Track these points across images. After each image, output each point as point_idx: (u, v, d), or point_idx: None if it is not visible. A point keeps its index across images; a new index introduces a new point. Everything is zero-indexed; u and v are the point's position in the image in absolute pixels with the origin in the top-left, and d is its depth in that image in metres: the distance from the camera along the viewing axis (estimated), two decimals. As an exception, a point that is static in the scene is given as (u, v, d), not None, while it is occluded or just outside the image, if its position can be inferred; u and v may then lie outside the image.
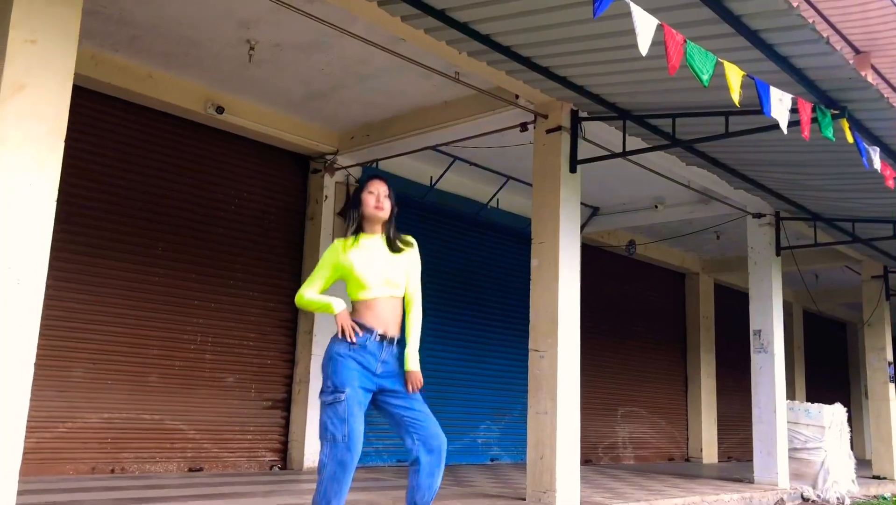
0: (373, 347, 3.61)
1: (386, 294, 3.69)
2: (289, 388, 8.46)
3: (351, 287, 3.72)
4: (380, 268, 3.70)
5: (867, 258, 12.14)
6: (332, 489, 3.48)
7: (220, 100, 7.76)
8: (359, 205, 3.78)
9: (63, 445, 6.79)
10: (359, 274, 3.66)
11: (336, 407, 3.50)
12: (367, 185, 3.82)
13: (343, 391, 3.52)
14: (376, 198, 3.76)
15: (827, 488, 8.95)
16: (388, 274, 3.70)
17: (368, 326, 3.62)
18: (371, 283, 3.66)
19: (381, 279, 3.68)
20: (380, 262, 3.71)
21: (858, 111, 5.72)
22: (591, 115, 6.82)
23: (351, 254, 3.71)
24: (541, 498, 6.25)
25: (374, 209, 3.75)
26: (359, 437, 3.50)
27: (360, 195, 3.80)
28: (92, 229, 7.16)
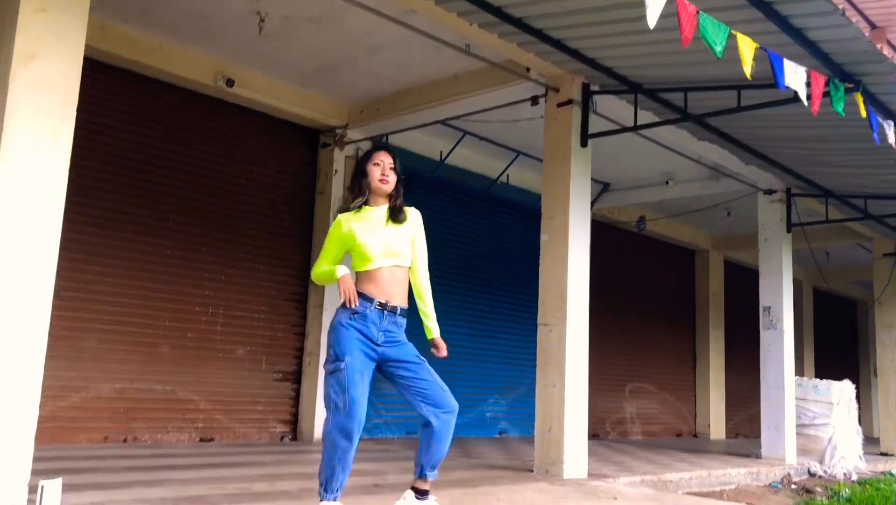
0: (373, 316, 3.60)
1: (388, 264, 3.67)
2: (299, 360, 8.53)
3: (355, 259, 3.71)
4: (381, 238, 3.68)
5: (879, 235, 12.07)
6: (336, 456, 3.51)
7: (231, 72, 7.75)
8: (364, 175, 3.74)
9: (77, 414, 6.88)
10: (360, 244, 3.65)
11: (338, 376, 3.52)
12: (373, 155, 3.78)
13: (343, 360, 3.53)
14: (381, 170, 3.73)
15: (834, 464, 8.98)
16: (389, 244, 3.68)
17: (369, 296, 3.62)
18: (372, 253, 3.65)
19: (383, 249, 3.66)
20: (381, 232, 3.69)
21: (873, 85, 5.66)
22: (602, 88, 6.79)
23: (353, 225, 3.69)
24: (548, 470, 6.30)
25: (378, 182, 3.72)
26: (359, 405, 3.51)
27: (366, 166, 3.75)
28: (104, 202, 7.20)
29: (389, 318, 3.64)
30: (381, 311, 3.62)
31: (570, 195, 6.62)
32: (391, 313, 3.65)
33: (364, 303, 3.60)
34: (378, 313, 3.61)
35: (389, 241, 3.69)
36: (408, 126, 8.47)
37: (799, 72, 4.87)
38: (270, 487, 4.86)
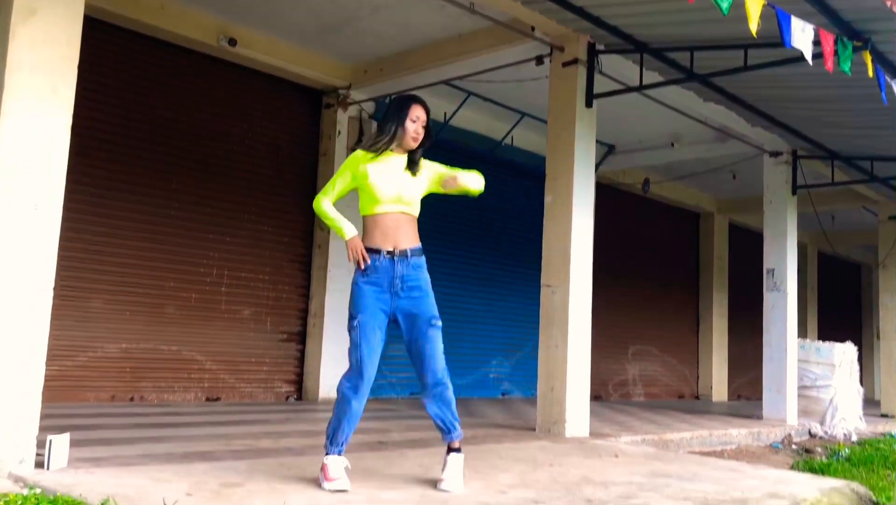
0: (384, 266, 3.62)
1: (396, 210, 3.67)
2: (304, 321, 8.58)
3: (363, 200, 3.71)
4: (395, 183, 3.67)
5: (885, 198, 12.02)
6: (344, 410, 3.58)
7: (233, 32, 7.68)
8: (401, 125, 3.70)
9: (84, 373, 6.96)
10: (372, 184, 3.64)
11: (352, 333, 3.60)
12: (412, 109, 3.73)
13: (356, 318, 3.59)
14: (416, 127, 3.72)
15: (834, 425, 9.05)
16: (401, 190, 3.68)
17: (375, 248, 3.63)
18: (383, 196, 3.64)
19: (394, 194, 3.66)
20: (396, 178, 3.69)
21: (882, 43, 5.60)
22: (607, 47, 6.72)
23: (369, 166, 3.68)
24: (550, 429, 6.36)
25: (411, 139, 3.72)
26: (370, 362, 3.57)
27: (405, 118, 3.70)
28: (107, 162, 7.19)
29: (402, 263, 3.65)
30: (391, 259, 3.62)
31: (575, 156, 6.59)
32: (402, 258, 3.65)
33: (373, 257, 3.62)
34: (388, 262, 3.62)
35: (402, 187, 3.68)
36: (411, 87, 8.38)
37: (807, 30, 4.81)
38: (275, 443, 4.92)
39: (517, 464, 4.66)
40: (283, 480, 3.66)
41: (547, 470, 4.51)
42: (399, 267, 3.64)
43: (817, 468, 6.07)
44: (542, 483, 4.06)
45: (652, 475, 4.56)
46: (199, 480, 3.55)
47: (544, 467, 4.60)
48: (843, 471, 5.95)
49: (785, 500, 4.04)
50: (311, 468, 3.98)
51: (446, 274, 9.93)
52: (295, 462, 4.20)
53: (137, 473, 3.62)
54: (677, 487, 4.19)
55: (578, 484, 4.10)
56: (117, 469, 3.68)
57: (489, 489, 3.78)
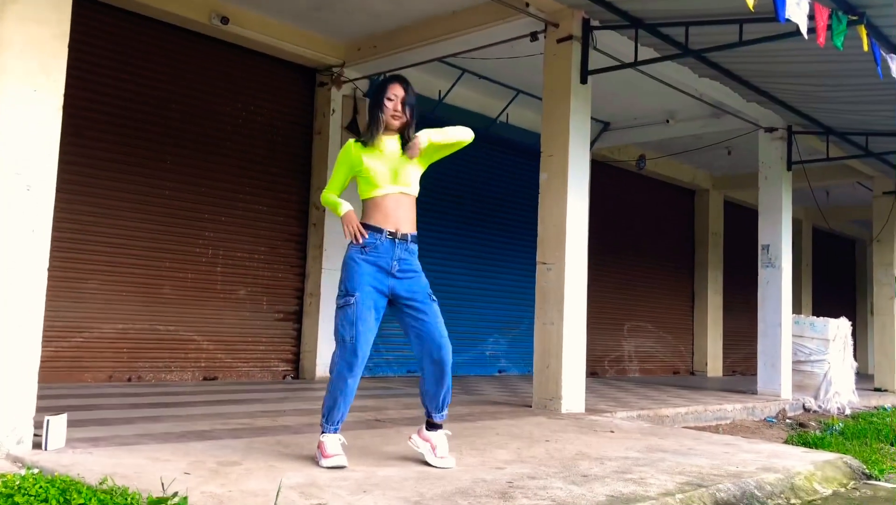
0: (384, 246, 3.60)
1: (395, 191, 3.65)
2: (300, 300, 8.58)
3: (361, 185, 3.70)
4: (390, 164, 3.65)
5: (879, 174, 12.03)
6: (339, 387, 3.59)
7: (225, 10, 7.62)
8: (379, 108, 3.67)
9: (81, 353, 6.96)
10: (367, 168, 3.63)
11: (347, 310, 3.55)
12: (388, 88, 3.69)
13: (353, 294, 3.56)
14: (395, 105, 3.66)
15: (828, 399, 9.12)
16: (397, 170, 3.65)
17: (377, 226, 3.61)
18: (380, 179, 3.63)
19: (391, 176, 3.64)
20: (391, 160, 3.67)
21: (878, 17, 5.57)
22: (602, 23, 6.67)
23: (364, 154, 3.66)
24: (546, 405, 6.40)
25: (390, 118, 3.68)
26: (366, 340, 3.55)
27: (381, 98, 3.67)
28: (101, 142, 7.16)
29: (401, 246, 3.64)
30: (392, 240, 3.61)
31: (570, 133, 6.57)
32: (402, 242, 3.64)
33: (373, 235, 3.60)
34: (389, 243, 3.61)
35: (397, 167, 3.66)
36: (405, 64, 8.35)
37: (802, 4, 4.78)
38: (273, 422, 4.94)
39: (514, 440, 4.69)
40: (280, 459, 3.68)
41: (543, 446, 4.54)
42: (398, 249, 3.63)
43: (811, 442, 6.12)
44: (539, 459, 4.09)
45: (647, 450, 4.59)
46: (197, 459, 3.57)
47: (540, 443, 4.63)
48: (837, 444, 6.00)
49: (779, 473, 4.08)
50: (309, 446, 4.01)
51: (443, 252, 9.95)
52: (292, 440, 4.22)
53: (135, 452, 3.64)
54: (672, 461, 4.22)
55: (574, 459, 4.13)
56: (115, 449, 3.69)
57: (486, 465, 3.81)
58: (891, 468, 5.21)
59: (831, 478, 4.44)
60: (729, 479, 3.79)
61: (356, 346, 3.54)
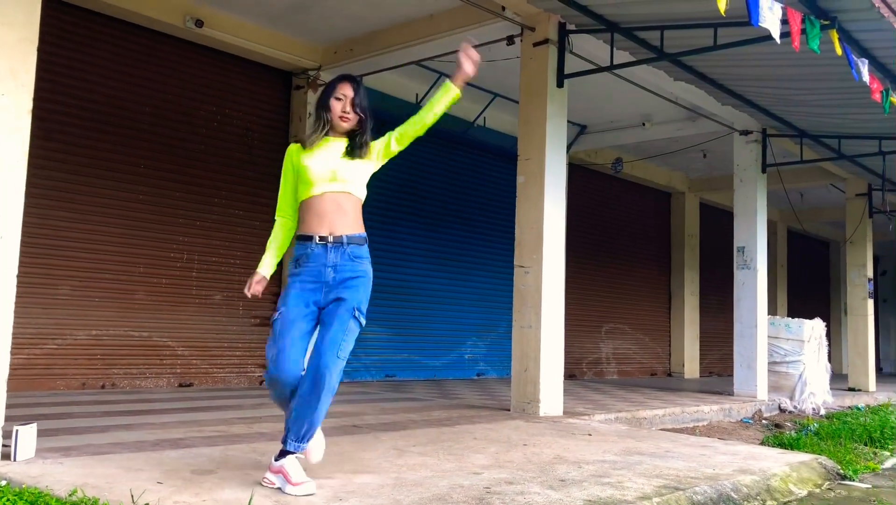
0: (315, 254, 3.25)
1: (332, 190, 3.29)
2: (276, 305, 8.50)
3: (299, 187, 3.36)
4: (328, 163, 3.30)
5: (852, 176, 12.18)
6: (281, 406, 3.33)
7: (200, 13, 7.55)
8: (326, 109, 3.35)
9: (53, 361, 6.86)
10: (305, 167, 3.30)
11: (273, 326, 3.27)
12: (336, 88, 3.37)
13: (279, 310, 3.26)
14: (343, 105, 3.33)
15: (804, 400, 9.20)
16: (336, 169, 3.30)
17: (308, 234, 3.29)
18: (316, 177, 3.28)
19: (328, 174, 3.28)
20: (331, 158, 3.32)
21: (848, 22, 5.64)
22: (578, 27, 6.69)
23: (304, 155, 3.34)
24: (525, 409, 6.39)
25: (338, 119, 3.34)
26: (287, 357, 3.17)
27: (328, 99, 3.36)
28: (73, 146, 7.06)
29: (336, 251, 3.25)
30: (324, 245, 3.25)
31: (547, 136, 6.58)
32: (337, 245, 3.25)
33: (302, 246, 3.29)
34: (321, 250, 3.25)
35: (337, 167, 3.30)
36: (382, 67, 8.34)
37: (774, 8, 4.83)
38: (248, 429, 4.89)
39: (491, 445, 4.68)
40: (256, 466, 3.64)
41: (521, 450, 4.53)
42: (332, 255, 3.25)
43: (786, 443, 6.17)
44: (516, 463, 4.08)
45: (625, 453, 4.60)
46: (171, 467, 3.52)
47: (518, 447, 4.63)
48: (812, 445, 6.05)
49: (755, 475, 4.11)
50: (285, 453, 3.97)
51: (420, 255, 9.93)
52: (268, 448, 4.16)
53: (107, 462, 3.58)
54: (650, 464, 4.23)
55: (552, 463, 4.12)
56: (87, 458, 3.63)
57: (463, 470, 3.79)
58: (865, 468, 5.26)
59: (806, 479, 4.47)
60: (706, 481, 3.80)
61: (277, 363, 3.19)
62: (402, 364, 9.72)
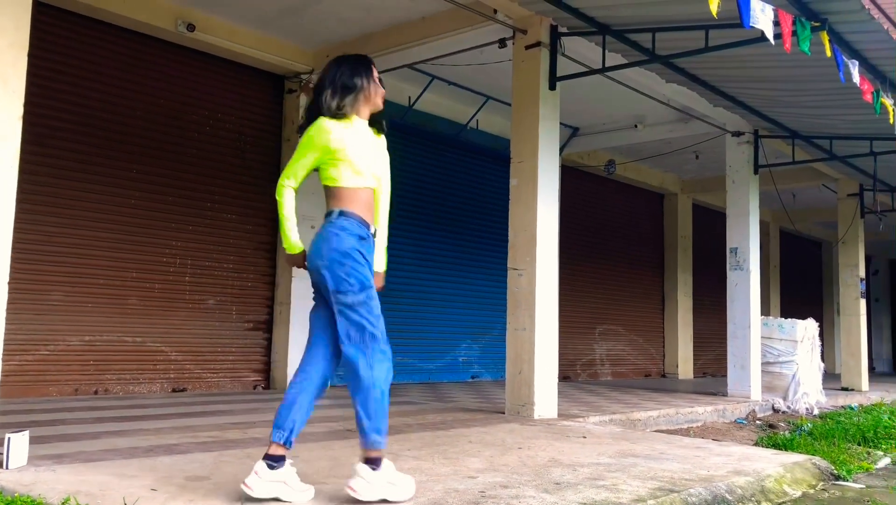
0: (371, 245, 3.29)
1: (372, 185, 3.31)
2: (270, 309, 8.50)
3: (338, 171, 3.23)
4: (370, 155, 3.31)
5: (844, 176, 12.23)
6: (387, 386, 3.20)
7: (191, 17, 7.54)
8: (365, 88, 3.29)
9: (45, 367, 6.83)
10: (353, 157, 3.21)
11: (371, 305, 3.16)
12: (374, 69, 3.37)
13: (371, 286, 3.19)
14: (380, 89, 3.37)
15: (797, 400, 9.22)
16: (374, 163, 3.32)
17: (368, 223, 3.26)
18: (363, 169, 3.25)
19: (371, 167, 3.30)
20: (370, 149, 3.32)
21: (839, 23, 5.67)
22: (570, 30, 6.71)
23: (345, 134, 3.22)
24: (519, 411, 6.39)
25: (380, 99, 3.36)
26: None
27: (365, 79, 3.30)
28: (65, 151, 7.04)
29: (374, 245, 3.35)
30: (373, 237, 3.32)
31: (539, 139, 6.59)
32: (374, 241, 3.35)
33: (364, 228, 3.24)
34: (373, 242, 3.31)
35: (374, 160, 3.33)
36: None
37: (766, 11, 4.84)
38: (242, 434, 4.88)
39: (486, 448, 4.67)
40: (250, 473, 3.62)
41: (516, 453, 4.53)
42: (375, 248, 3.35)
43: (780, 443, 6.18)
44: (511, 467, 4.07)
45: (619, 455, 4.60)
46: (165, 474, 3.50)
47: (513, 451, 4.62)
48: (806, 445, 6.06)
49: (749, 476, 4.11)
50: (279, 459, 3.96)
51: (414, 257, 9.92)
52: (262, 453, 4.15)
53: (101, 469, 3.57)
54: (644, 466, 4.23)
55: (547, 466, 4.12)
56: (80, 466, 3.61)
57: (458, 474, 3.79)
58: (858, 468, 5.27)
59: (800, 480, 4.48)
60: (700, 483, 3.81)
61: (386, 339, 3.20)
62: (397, 367, 9.62)
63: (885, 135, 8.46)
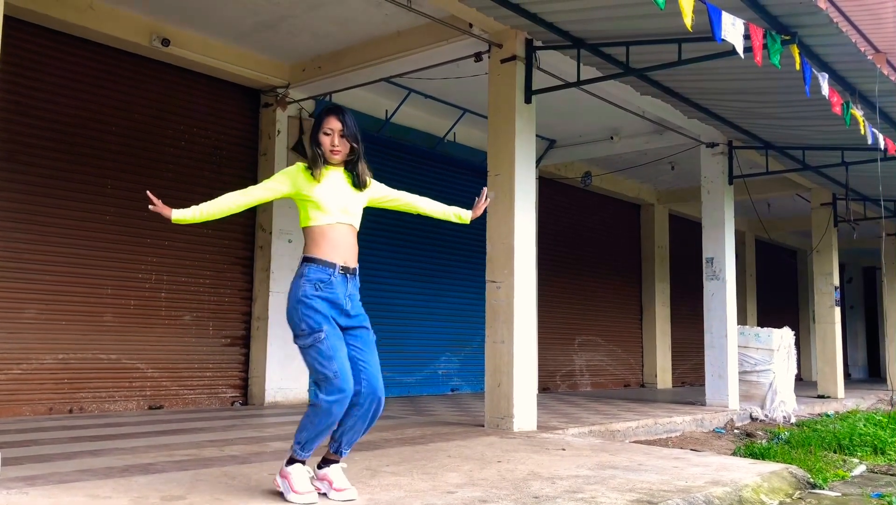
0: (338, 281, 3.45)
1: (343, 221, 3.51)
2: (247, 324, 8.45)
3: (308, 211, 3.51)
4: (341, 197, 3.53)
5: (817, 186, 12.39)
6: (328, 424, 3.38)
7: (166, 32, 7.51)
8: (318, 144, 3.54)
9: (18, 386, 6.73)
10: (318, 198, 3.47)
11: (319, 347, 3.35)
12: (323, 123, 3.55)
13: (321, 330, 3.36)
14: (331, 140, 3.52)
15: (774, 408, 9.29)
16: (346, 203, 3.53)
17: (329, 261, 3.44)
18: (330, 207, 3.48)
19: (340, 206, 3.51)
20: (340, 192, 3.54)
21: (809, 37, 5.75)
22: (545, 44, 6.75)
23: (312, 184, 3.51)
24: (499, 424, 6.39)
25: (329, 153, 3.53)
26: (348, 370, 3.37)
27: (318, 135, 3.55)
28: (38, 168, 6.96)
29: (351, 281, 3.50)
30: (344, 275, 3.46)
31: (515, 152, 6.62)
32: (352, 276, 3.51)
33: (325, 269, 3.43)
34: (342, 278, 3.46)
35: (347, 201, 3.54)
36: (351, 84, 8.34)
37: (737, 24, 4.91)
38: (220, 452, 4.83)
39: (465, 462, 4.66)
40: (227, 491, 3.59)
41: (495, 467, 4.52)
42: (350, 285, 3.49)
43: (758, 452, 6.22)
44: (490, 481, 4.07)
45: (598, 467, 4.61)
46: (140, 494, 3.46)
47: (492, 464, 4.62)
48: (783, 454, 6.10)
49: (727, 487, 4.13)
50: (257, 477, 3.93)
51: (393, 271, 9.91)
52: (239, 471, 4.12)
53: (74, 490, 3.51)
54: (623, 478, 4.24)
55: (526, 480, 4.12)
56: (53, 487, 3.56)
57: (437, 490, 3.77)
58: (834, 476, 5.32)
59: (777, 489, 4.51)
60: (678, 494, 3.82)
61: (342, 379, 3.33)
62: (376, 381, 9.66)
63: (856, 145, 8.59)
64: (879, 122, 7.44)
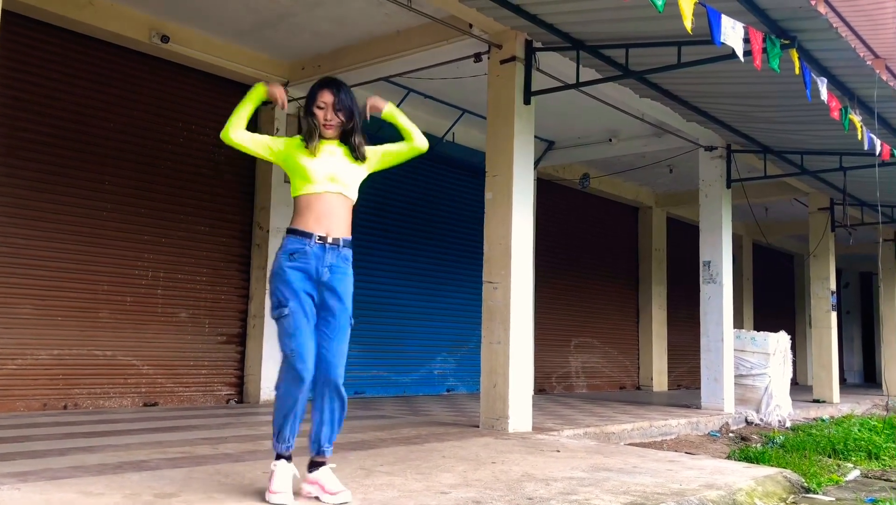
0: (314, 252, 3.39)
1: (330, 190, 3.44)
2: (244, 322, 8.43)
3: (295, 181, 3.48)
4: (330, 166, 3.46)
5: (815, 190, 12.40)
6: (287, 405, 3.39)
7: (165, 28, 7.50)
8: (310, 117, 3.49)
9: (13, 382, 6.71)
10: (304, 165, 3.44)
11: (283, 322, 3.36)
12: (318, 95, 3.50)
13: (287, 305, 3.35)
14: (325, 113, 3.48)
15: (769, 412, 9.30)
16: (335, 171, 3.46)
17: (306, 231, 3.40)
18: (315, 176, 3.43)
19: (328, 173, 3.44)
20: (332, 162, 3.48)
21: (808, 41, 5.75)
22: (545, 45, 6.75)
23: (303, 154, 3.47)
24: (494, 425, 6.38)
25: (324, 128, 3.49)
26: (308, 350, 3.34)
27: (311, 107, 3.50)
28: (36, 163, 6.95)
29: (333, 252, 3.42)
30: (322, 245, 3.40)
31: (514, 153, 6.61)
32: (334, 247, 3.42)
33: (301, 240, 3.39)
34: (319, 248, 3.39)
35: (336, 169, 3.47)
36: (350, 84, 8.13)
37: (736, 28, 4.91)
38: (213, 450, 4.82)
39: (460, 463, 4.66)
40: (220, 489, 3.58)
41: (489, 468, 4.52)
42: (329, 255, 3.41)
43: (752, 456, 6.22)
44: (484, 482, 4.06)
45: (593, 469, 4.60)
46: (133, 491, 3.45)
47: (487, 465, 4.61)
48: (777, 458, 6.11)
49: (721, 490, 4.13)
50: (250, 475, 3.92)
51: (390, 271, 9.90)
52: (233, 469, 4.11)
53: (67, 487, 3.50)
54: (617, 480, 4.24)
55: (520, 481, 4.11)
56: (45, 484, 3.55)
57: (430, 490, 3.77)
58: (828, 481, 5.32)
59: (771, 493, 4.51)
60: (672, 497, 3.82)
61: (300, 356, 3.31)
62: (372, 381, 9.67)
63: (854, 150, 8.59)
64: (878, 127, 7.44)
